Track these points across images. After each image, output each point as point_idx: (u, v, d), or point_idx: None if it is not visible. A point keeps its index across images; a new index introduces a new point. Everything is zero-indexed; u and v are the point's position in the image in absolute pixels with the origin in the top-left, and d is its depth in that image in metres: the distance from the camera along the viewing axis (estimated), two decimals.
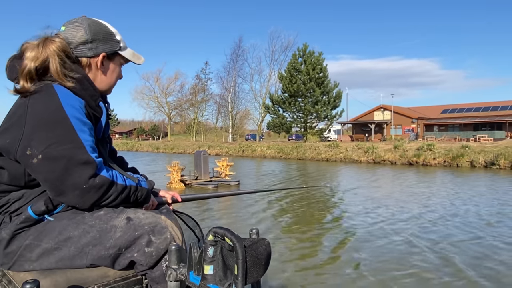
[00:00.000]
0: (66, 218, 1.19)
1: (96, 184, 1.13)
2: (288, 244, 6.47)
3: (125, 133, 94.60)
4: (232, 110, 59.29)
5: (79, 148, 1.11)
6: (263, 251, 0.89)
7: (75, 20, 1.28)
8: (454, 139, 36.43)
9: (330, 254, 5.91)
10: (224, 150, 37.27)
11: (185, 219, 1.58)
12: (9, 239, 1.16)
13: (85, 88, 1.24)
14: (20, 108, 1.16)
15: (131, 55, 1.39)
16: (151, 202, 1.38)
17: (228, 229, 0.87)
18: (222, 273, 0.88)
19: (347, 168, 21.89)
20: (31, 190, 1.20)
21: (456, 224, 7.56)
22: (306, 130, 41.91)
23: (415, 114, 49.14)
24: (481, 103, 50.78)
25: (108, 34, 1.31)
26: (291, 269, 5.27)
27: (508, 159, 18.99)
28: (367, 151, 25.78)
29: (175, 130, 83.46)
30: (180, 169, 14.11)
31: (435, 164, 21.84)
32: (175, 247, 1.03)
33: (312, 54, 40.49)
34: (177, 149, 43.56)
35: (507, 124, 43.34)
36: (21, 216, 1.17)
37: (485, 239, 6.51)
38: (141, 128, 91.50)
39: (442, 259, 5.50)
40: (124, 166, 1.55)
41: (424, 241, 6.40)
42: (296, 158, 29.89)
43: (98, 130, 1.30)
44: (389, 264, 5.35)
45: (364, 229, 7.34)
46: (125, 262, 1.17)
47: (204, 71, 71.64)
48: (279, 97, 42.50)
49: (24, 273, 1.16)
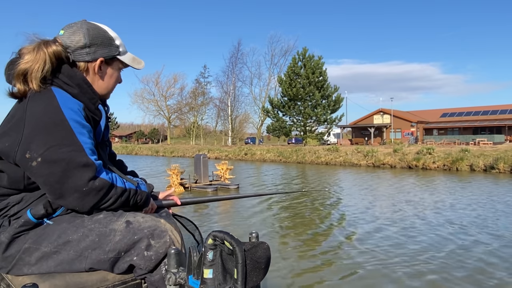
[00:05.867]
0: (66, 221, 1.18)
1: (95, 187, 1.13)
2: (288, 248, 6.46)
3: (124, 136, 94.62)
4: (232, 114, 59.38)
5: (78, 151, 1.11)
6: (263, 255, 0.89)
7: (74, 24, 1.27)
8: (454, 143, 36.40)
9: (330, 258, 5.89)
10: (224, 153, 37.25)
11: (185, 222, 1.58)
12: (8, 243, 1.15)
13: (84, 92, 1.24)
14: (18, 111, 1.16)
15: (130, 60, 1.38)
16: (151, 206, 1.38)
17: (228, 233, 0.87)
18: (221, 277, 0.88)
19: (347, 171, 21.86)
20: (30, 193, 1.20)
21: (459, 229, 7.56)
22: (305, 134, 41.91)
23: (415, 118, 49.19)
24: (480, 107, 50.87)
25: (107, 39, 1.30)
26: (291, 273, 5.25)
27: (507, 162, 18.98)
28: (366, 155, 25.78)
29: (174, 133, 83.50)
30: (180, 173, 14.12)
31: (435, 168, 21.83)
32: (175, 250, 1.03)
33: (311, 58, 40.57)
34: (177, 153, 43.52)
35: (506, 128, 43.42)
36: (20, 220, 1.16)
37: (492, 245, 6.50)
38: (141, 132, 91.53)
39: (441, 260, 5.49)
40: (123, 170, 1.54)
41: (422, 241, 6.39)
42: (295, 161, 29.87)
43: (97, 133, 1.30)
44: (389, 265, 5.33)
45: (363, 232, 7.32)
46: (124, 266, 1.17)
47: (203, 75, 70.96)
48: (278, 100, 42.54)
49: (23, 277, 1.16)
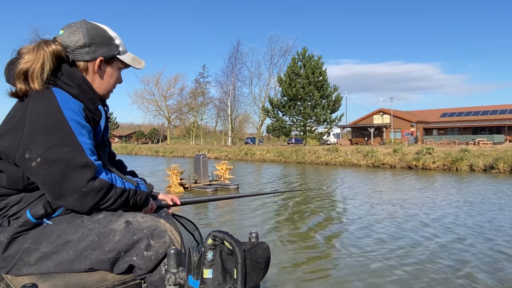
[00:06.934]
0: (65, 221, 1.18)
1: (95, 187, 1.13)
2: (287, 248, 6.46)
3: (124, 136, 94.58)
4: (232, 114, 59.36)
5: (78, 151, 1.11)
6: (263, 254, 0.89)
7: (74, 23, 1.27)
8: (453, 143, 36.39)
9: (330, 257, 5.89)
10: (224, 153, 37.24)
11: (184, 222, 1.57)
12: (7, 243, 1.15)
13: (84, 92, 1.24)
14: (18, 111, 1.15)
15: (130, 59, 1.37)
16: (150, 206, 1.38)
17: (227, 233, 0.87)
18: (221, 277, 0.88)
19: (347, 171, 21.86)
20: (30, 193, 1.20)
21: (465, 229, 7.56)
22: (305, 134, 41.89)
23: (414, 118, 49.20)
24: (480, 107, 50.89)
25: (107, 38, 1.30)
26: (291, 272, 5.25)
27: (507, 162, 19.00)
28: (366, 155, 25.78)
29: (174, 133, 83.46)
30: (180, 173, 14.11)
31: (435, 167, 21.83)
32: (174, 251, 1.03)
33: (311, 58, 40.57)
34: (177, 153, 43.52)
35: (506, 128, 43.42)
36: (20, 220, 1.16)
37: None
38: (141, 132, 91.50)
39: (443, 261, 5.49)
40: (123, 170, 1.54)
41: (420, 242, 6.39)
42: (295, 161, 29.87)
43: (97, 133, 1.29)
44: (389, 266, 5.33)
45: (364, 231, 7.32)
46: (124, 266, 1.17)
47: (202, 75, 69.83)
48: (278, 100, 42.53)
49: (23, 277, 1.15)
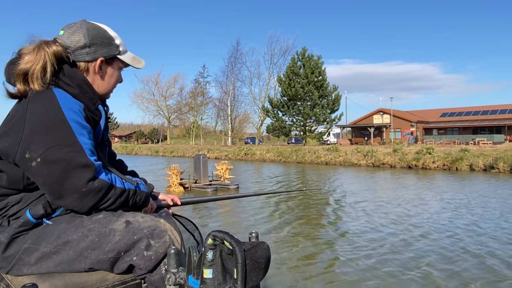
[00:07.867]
0: (65, 221, 1.18)
1: (95, 188, 1.13)
2: (288, 248, 6.46)
3: (124, 136, 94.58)
4: (232, 114, 59.36)
5: (78, 152, 1.11)
6: (263, 254, 0.89)
7: (74, 24, 1.27)
8: (453, 143, 36.41)
9: (329, 258, 5.89)
10: (224, 153, 37.25)
11: (184, 222, 1.57)
12: (7, 243, 1.15)
13: (84, 92, 1.24)
14: (19, 111, 1.15)
15: (131, 59, 1.38)
16: (150, 206, 1.38)
17: (228, 233, 0.87)
18: (221, 277, 0.88)
19: (347, 171, 21.86)
20: (29, 193, 1.20)
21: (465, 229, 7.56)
22: (305, 134, 41.91)
23: (414, 118, 49.21)
24: (480, 106, 50.91)
25: (107, 38, 1.30)
26: (291, 272, 5.25)
27: (507, 162, 19.00)
28: (366, 155, 25.78)
29: (174, 133, 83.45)
30: (180, 173, 14.11)
31: (435, 167, 21.84)
32: (174, 250, 1.03)
33: (311, 58, 40.59)
34: (177, 153, 43.52)
35: (506, 127, 43.43)
36: (20, 220, 1.16)
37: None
38: (141, 132, 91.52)
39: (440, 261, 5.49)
40: (123, 170, 1.54)
41: (418, 243, 6.39)
42: (295, 161, 29.87)
43: (97, 133, 1.30)
44: (389, 266, 5.33)
45: (363, 231, 7.32)
46: (124, 266, 1.17)
47: (202, 75, 69.18)
48: (278, 100, 42.55)
49: (23, 277, 1.15)
